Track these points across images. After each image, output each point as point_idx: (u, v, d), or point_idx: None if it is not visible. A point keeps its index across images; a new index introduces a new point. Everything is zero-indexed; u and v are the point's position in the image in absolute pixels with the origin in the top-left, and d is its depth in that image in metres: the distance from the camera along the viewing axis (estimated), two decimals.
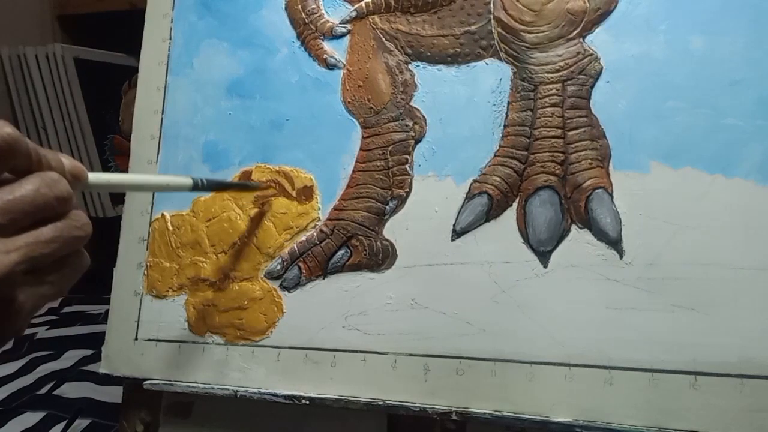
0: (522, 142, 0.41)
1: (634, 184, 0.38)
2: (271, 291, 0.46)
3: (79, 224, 0.26)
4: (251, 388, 0.44)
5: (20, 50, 1.07)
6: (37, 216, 0.24)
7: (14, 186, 0.23)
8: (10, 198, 0.23)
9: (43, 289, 0.25)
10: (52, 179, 0.24)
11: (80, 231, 0.26)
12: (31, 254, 0.23)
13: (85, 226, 0.26)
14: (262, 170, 0.48)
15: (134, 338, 0.49)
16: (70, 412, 0.64)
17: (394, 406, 0.40)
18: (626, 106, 0.39)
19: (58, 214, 0.25)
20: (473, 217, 0.41)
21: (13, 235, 0.23)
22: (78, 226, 0.26)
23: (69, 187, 0.25)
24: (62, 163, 0.26)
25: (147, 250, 0.50)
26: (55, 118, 1.11)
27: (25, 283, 0.24)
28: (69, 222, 0.25)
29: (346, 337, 0.43)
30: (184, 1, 0.54)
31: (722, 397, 0.34)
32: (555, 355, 0.38)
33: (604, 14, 0.41)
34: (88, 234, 0.26)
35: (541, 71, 0.42)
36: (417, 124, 0.44)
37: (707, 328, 0.36)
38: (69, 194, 0.25)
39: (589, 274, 0.38)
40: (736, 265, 0.36)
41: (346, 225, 0.45)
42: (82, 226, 0.26)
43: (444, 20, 0.45)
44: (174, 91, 0.52)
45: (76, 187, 0.27)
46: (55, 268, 0.26)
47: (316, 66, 0.48)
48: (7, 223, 0.23)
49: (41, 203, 0.24)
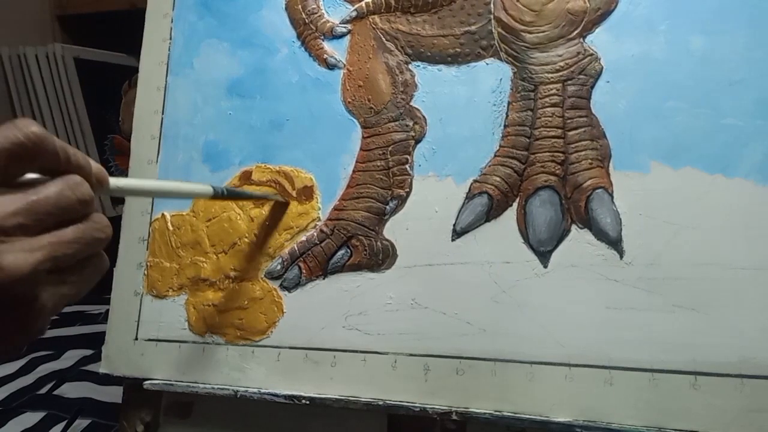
0: (522, 142, 0.41)
1: (634, 184, 0.38)
2: (271, 291, 0.46)
3: (100, 226, 0.26)
4: (251, 388, 0.44)
5: (20, 50, 1.07)
6: (61, 217, 0.25)
7: (39, 188, 0.24)
8: (35, 199, 0.24)
9: (64, 289, 0.26)
10: (75, 182, 0.25)
11: (101, 233, 0.26)
12: (54, 254, 0.24)
13: (105, 229, 0.27)
14: (262, 170, 0.48)
15: (134, 338, 0.49)
16: (70, 412, 0.64)
17: (394, 406, 0.40)
18: (626, 106, 0.40)
19: (80, 216, 0.26)
20: (473, 217, 0.41)
21: (37, 234, 0.24)
22: (99, 228, 0.26)
23: (91, 191, 0.26)
24: (90, 165, 0.27)
25: (147, 250, 0.50)
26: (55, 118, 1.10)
27: (47, 282, 0.25)
28: (90, 224, 0.26)
29: (346, 337, 0.43)
30: (184, 1, 0.54)
31: (722, 397, 0.34)
32: (555, 355, 0.38)
33: (605, 14, 0.41)
34: (109, 236, 0.27)
35: (541, 71, 0.42)
36: (417, 124, 0.44)
37: (707, 328, 0.36)
38: (91, 197, 0.26)
39: (589, 274, 0.38)
40: (736, 265, 0.36)
41: (346, 225, 0.45)
42: (102, 228, 0.27)
43: (444, 20, 0.45)
44: (174, 91, 0.52)
45: (99, 191, 0.28)
46: (77, 269, 0.26)
47: (316, 66, 0.48)
48: (31, 224, 0.24)
49: (64, 205, 0.25)
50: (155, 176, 0.51)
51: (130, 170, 0.53)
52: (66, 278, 0.26)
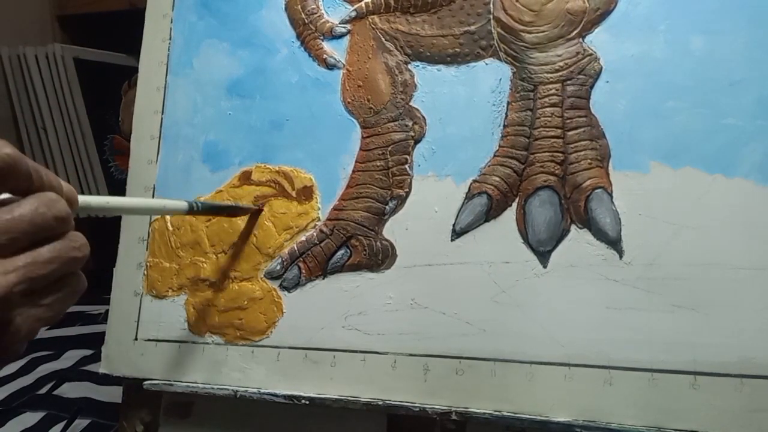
0: (521, 142, 0.41)
1: (634, 184, 0.38)
2: (271, 291, 0.46)
3: (78, 245, 0.25)
4: (251, 388, 0.44)
5: (20, 50, 1.07)
6: (36, 236, 0.24)
7: (13, 206, 0.23)
8: (9, 218, 0.23)
9: (39, 311, 0.25)
10: (51, 199, 0.24)
11: (78, 252, 0.25)
12: (29, 275, 0.23)
13: (83, 247, 0.26)
14: (262, 170, 0.48)
15: (134, 338, 0.49)
16: (69, 412, 0.64)
17: (394, 406, 0.40)
18: (626, 106, 0.39)
19: (57, 234, 0.25)
20: (473, 217, 0.41)
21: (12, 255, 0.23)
22: (76, 247, 0.25)
23: (67, 208, 0.25)
24: (61, 185, 0.26)
25: (147, 250, 0.50)
26: (55, 118, 1.10)
27: (22, 304, 0.24)
28: (67, 242, 0.25)
29: (345, 337, 0.43)
30: (184, 1, 0.54)
31: (722, 397, 0.34)
32: (555, 355, 0.38)
33: (604, 14, 0.41)
34: (86, 255, 0.26)
35: (540, 71, 0.42)
36: (417, 124, 0.44)
37: (707, 328, 0.36)
38: (67, 214, 0.25)
39: (589, 274, 0.38)
40: (736, 265, 0.36)
41: (345, 225, 0.45)
42: (80, 246, 0.26)
43: (444, 20, 0.45)
44: (174, 91, 0.52)
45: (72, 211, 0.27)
46: (53, 290, 0.25)
47: (316, 66, 0.48)
48: (6, 243, 0.23)
49: (40, 223, 0.24)
50: (155, 176, 0.51)
51: (129, 170, 0.53)
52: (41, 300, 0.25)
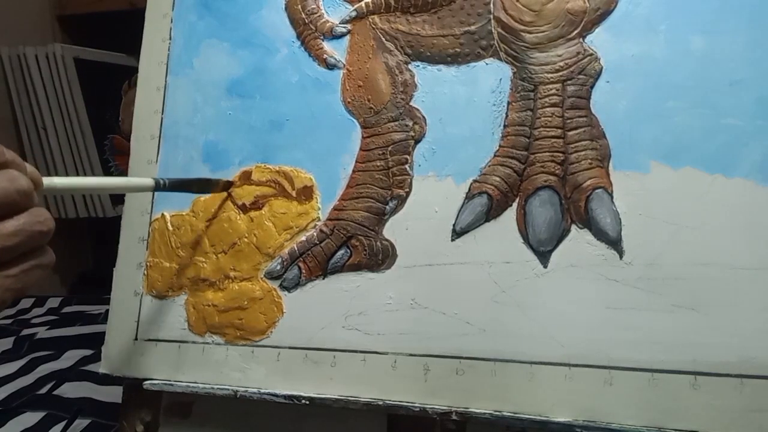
0: (522, 142, 0.41)
1: (634, 184, 0.38)
2: (271, 291, 0.46)
3: (42, 219, 0.27)
4: (251, 388, 0.44)
5: (20, 50, 1.08)
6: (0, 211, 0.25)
7: None
8: None
9: (8, 282, 0.26)
10: (12, 175, 0.25)
11: (42, 226, 0.27)
12: None
13: (47, 222, 0.27)
14: (262, 170, 0.48)
15: (134, 338, 0.49)
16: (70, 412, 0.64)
17: (394, 406, 0.40)
18: (626, 106, 0.39)
19: (20, 209, 0.26)
20: (473, 217, 0.41)
21: None
22: (40, 221, 0.26)
23: (30, 183, 0.26)
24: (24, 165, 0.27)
25: (147, 250, 0.50)
26: (55, 118, 1.11)
27: None
28: (31, 217, 0.26)
29: (346, 337, 0.43)
30: (184, 1, 0.54)
31: (722, 397, 0.34)
32: (555, 355, 0.38)
33: (604, 14, 0.41)
34: (51, 229, 0.27)
35: (541, 71, 0.42)
36: (417, 124, 0.44)
37: (707, 328, 0.36)
38: (30, 189, 0.26)
39: (589, 274, 0.38)
40: (736, 265, 0.36)
41: (346, 225, 0.45)
42: (44, 221, 0.27)
43: (444, 20, 0.45)
44: (174, 91, 0.52)
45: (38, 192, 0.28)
46: (20, 262, 0.26)
47: (316, 66, 0.48)
48: None
49: (2, 197, 0.25)
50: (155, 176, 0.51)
51: (129, 170, 0.53)
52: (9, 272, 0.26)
